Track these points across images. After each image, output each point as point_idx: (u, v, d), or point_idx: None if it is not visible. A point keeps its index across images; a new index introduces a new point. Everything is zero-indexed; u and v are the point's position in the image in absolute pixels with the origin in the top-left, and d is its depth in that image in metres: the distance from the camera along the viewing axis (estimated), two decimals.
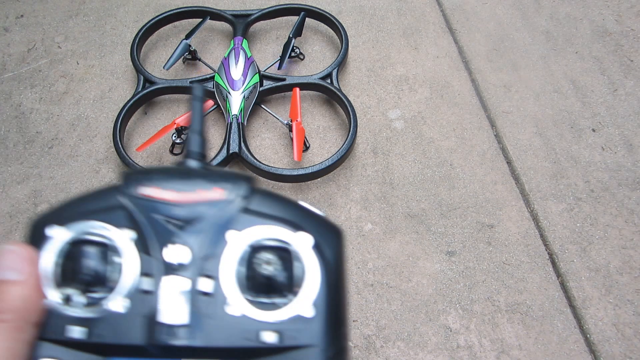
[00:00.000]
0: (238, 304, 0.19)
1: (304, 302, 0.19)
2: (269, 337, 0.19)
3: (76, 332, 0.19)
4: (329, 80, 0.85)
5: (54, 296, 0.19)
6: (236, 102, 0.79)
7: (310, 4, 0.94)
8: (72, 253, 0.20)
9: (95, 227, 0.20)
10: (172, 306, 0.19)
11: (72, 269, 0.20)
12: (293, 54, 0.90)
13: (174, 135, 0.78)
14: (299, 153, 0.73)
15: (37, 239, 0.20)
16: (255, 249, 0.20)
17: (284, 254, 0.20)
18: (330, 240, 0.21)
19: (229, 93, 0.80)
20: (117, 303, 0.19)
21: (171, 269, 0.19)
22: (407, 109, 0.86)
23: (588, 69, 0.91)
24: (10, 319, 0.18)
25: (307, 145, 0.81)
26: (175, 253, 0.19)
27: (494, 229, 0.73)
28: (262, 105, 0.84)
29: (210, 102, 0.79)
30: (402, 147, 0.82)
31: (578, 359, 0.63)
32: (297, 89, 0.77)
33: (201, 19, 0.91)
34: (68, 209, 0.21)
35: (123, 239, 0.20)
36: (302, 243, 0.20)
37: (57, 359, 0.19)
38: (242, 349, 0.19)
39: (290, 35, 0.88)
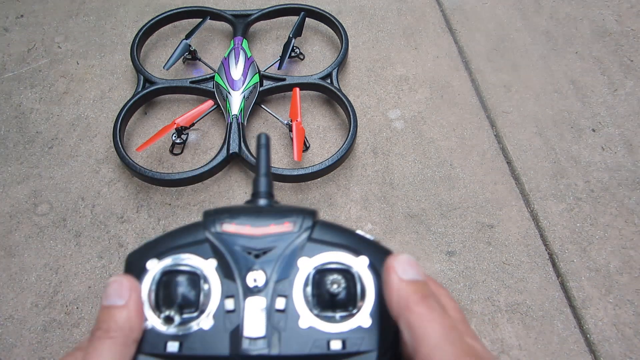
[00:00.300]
0: (308, 318, 0.22)
1: (363, 314, 0.23)
2: (336, 345, 0.22)
3: (172, 346, 0.22)
4: (329, 80, 0.85)
5: (152, 317, 0.23)
6: (236, 102, 0.79)
7: (310, 4, 0.94)
8: (168, 281, 0.23)
9: (185, 259, 0.23)
10: (253, 322, 0.22)
11: (168, 294, 0.23)
12: (293, 54, 0.90)
13: (174, 135, 0.79)
14: (299, 153, 0.73)
15: (136, 269, 0.24)
16: (321, 271, 0.23)
17: (347, 275, 0.23)
18: (383, 261, 0.24)
19: (229, 93, 0.80)
20: (205, 321, 0.22)
21: (251, 291, 0.23)
22: (407, 109, 0.86)
23: (588, 69, 0.91)
24: (118, 336, 0.21)
25: (307, 145, 0.81)
26: (254, 278, 0.23)
27: (494, 229, 0.73)
28: (262, 105, 0.84)
29: (210, 102, 0.79)
30: (402, 147, 0.82)
31: (578, 359, 0.63)
32: (297, 89, 0.77)
33: (201, 19, 0.91)
34: (161, 244, 0.24)
35: (209, 267, 0.23)
36: (361, 265, 0.23)
37: None
38: (312, 356, 0.22)
39: (290, 35, 0.88)
